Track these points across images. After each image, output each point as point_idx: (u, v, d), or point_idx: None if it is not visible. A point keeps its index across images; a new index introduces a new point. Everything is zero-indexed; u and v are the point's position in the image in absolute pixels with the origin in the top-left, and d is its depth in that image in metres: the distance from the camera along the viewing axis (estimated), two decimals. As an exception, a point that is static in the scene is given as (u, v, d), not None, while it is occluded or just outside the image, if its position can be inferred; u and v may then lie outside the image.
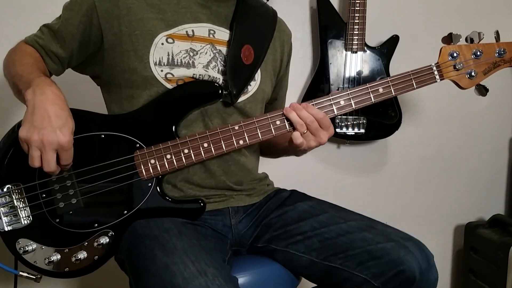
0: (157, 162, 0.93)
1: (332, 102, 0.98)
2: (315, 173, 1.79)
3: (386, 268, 0.92)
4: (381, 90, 0.99)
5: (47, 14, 1.03)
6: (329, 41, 1.64)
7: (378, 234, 0.96)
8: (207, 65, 0.99)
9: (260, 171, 1.16)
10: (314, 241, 0.99)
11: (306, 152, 1.03)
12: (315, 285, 1.15)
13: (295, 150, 1.00)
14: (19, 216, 0.92)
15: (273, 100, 1.20)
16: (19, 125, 0.93)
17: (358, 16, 1.58)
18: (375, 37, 1.67)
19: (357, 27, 1.60)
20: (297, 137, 0.95)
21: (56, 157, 0.83)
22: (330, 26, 1.64)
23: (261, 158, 1.19)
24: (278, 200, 1.09)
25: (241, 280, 0.93)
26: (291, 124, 0.96)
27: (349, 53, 1.64)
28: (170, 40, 0.96)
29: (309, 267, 1.00)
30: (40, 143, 0.81)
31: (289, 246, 1.01)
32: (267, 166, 1.23)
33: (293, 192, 1.13)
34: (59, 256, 0.92)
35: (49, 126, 0.81)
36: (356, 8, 1.57)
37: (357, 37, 1.61)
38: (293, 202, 1.07)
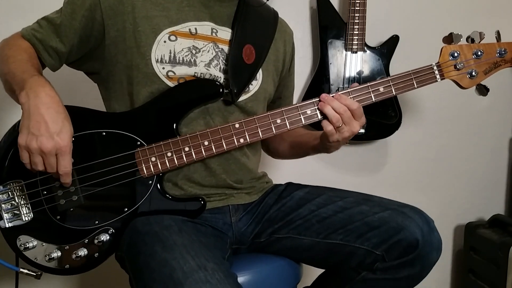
0: (157, 160, 0.94)
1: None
2: (315, 173, 1.79)
3: (386, 236, 0.92)
4: (382, 89, 1.00)
5: (44, 10, 1.03)
6: (329, 41, 1.64)
7: (375, 205, 0.97)
8: (209, 63, 0.99)
9: (259, 170, 1.16)
10: (313, 222, 1.00)
11: (338, 146, 1.02)
12: (314, 283, 1.16)
13: (326, 145, 1.00)
14: (20, 212, 0.92)
15: (277, 99, 1.20)
16: (19, 123, 0.93)
17: (358, 16, 1.58)
18: (375, 37, 1.68)
19: (357, 27, 1.60)
20: (327, 125, 0.94)
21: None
22: (330, 26, 1.64)
23: (261, 158, 1.19)
24: (275, 195, 1.10)
25: (241, 279, 0.93)
26: (324, 116, 0.95)
27: (349, 53, 1.64)
28: (173, 38, 0.97)
29: (312, 248, 1.01)
30: (39, 151, 0.82)
31: (290, 232, 1.02)
32: (267, 166, 1.23)
33: (289, 184, 1.14)
34: (59, 253, 0.92)
35: (46, 133, 0.81)
36: (356, 8, 1.58)
37: (357, 37, 1.61)
38: (289, 193, 1.08)
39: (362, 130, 1.65)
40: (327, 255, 1.00)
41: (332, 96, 0.95)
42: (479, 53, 1.02)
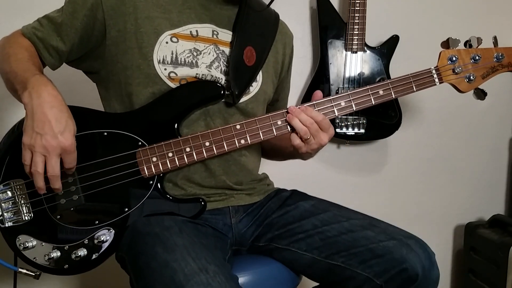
0: (159, 160, 0.94)
1: (333, 103, 0.99)
2: (315, 173, 1.79)
3: (388, 266, 0.92)
4: (381, 92, 1.01)
5: (45, 10, 1.03)
6: (329, 41, 1.65)
7: (381, 232, 0.96)
8: (210, 65, 0.99)
9: (260, 171, 1.16)
10: (316, 239, 0.99)
11: (312, 155, 1.03)
12: (314, 284, 1.16)
13: (299, 153, 1.00)
14: (20, 212, 0.91)
15: (275, 102, 1.21)
16: (19, 123, 0.93)
17: (358, 16, 1.59)
18: (375, 37, 1.68)
19: (357, 27, 1.60)
20: (295, 139, 0.95)
21: (60, 161, 0.84)
22: (330, 26, 1.64)
23: (261, 158, 1.19)
24: (279, 200, 1.09)
25: (241, 279, 0.93)
26: (292, 128, 0.96)
27: (349, 53, 1.64)
28: (174, 39, 0.97)
29: (311, 265, 1.00)
30: (44, 150, 0.82)
31: (291, 245, 1.01)
32: (268, 166, 1.23)
33: (294, 191, 1.13)
34: (59, 253, 0.91)
35: (50, 132, 0.81)
36: (356, 8, 1.58)
37: (357, 37, 1.62)
38: (294, 202, 1.07)
39: (362, 130, 1.66)
40: (326, 274, 0.99)
41: (299, 108, 0.95)
42: (477, 58, 1.03)
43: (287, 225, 1.03)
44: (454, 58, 1.03)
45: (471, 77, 1.04)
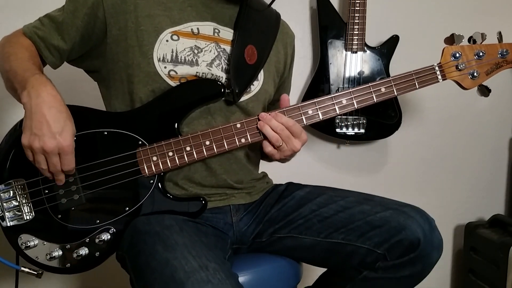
0: (159, 159, 0.94)
1: (334, 101, 0.98)
2: (315, 173, 1.79)
3: (388, 235, 0.93)
4: (383, 89, 1.00)
5: (45, 9, 1.03)
6: (329, 41, 1.65)
7: (376, 205, 0.98)
8: (210, 63, 0.99)
9: (260, 170, 1.16)
10: (314, 222, 1.00)
11: (288, 159, 1.03)
12: (316, 283, 1.16)
13: (273, 160, 1.00)
14: (22, 211, 0.92)
15: (276, 101, 1.21)
16: (21, 123, 0.93)
17: (358, 16, 1.59)
18: (375, 37, 1.68)
19: (357, 27, 1.61)
20: (266, 146, 0.95)
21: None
22: (330, 26, 1.65)
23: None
24: (275, 195, 1.10)
25: (241, 278, 0.93)
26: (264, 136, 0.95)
27: (349, 53, 1.64)
28: (175, 37, 0.97)
29: (312, 248, 1.01)
30: (42, 151, 0.83)
31: (291, 231, 1.03)
32: (267, 165, 1.23)
33: (289, 184, 1.14)
34: (60, 252, 0.92)
35: (48, 132, 0.82)
36: (356, 8, 1.58)
37: (357, 37, 1.62)
38: (290, 193, 1.08)
39: (362, 130, 1.66)
40: (328, 254, 1.00)
41: (269, 115, 0.95)
42: (481, 54, 1.02)
43: (287, 216, 1.04)
44: (457, 55, 1.02)
45: (475, 74, 1.02)
